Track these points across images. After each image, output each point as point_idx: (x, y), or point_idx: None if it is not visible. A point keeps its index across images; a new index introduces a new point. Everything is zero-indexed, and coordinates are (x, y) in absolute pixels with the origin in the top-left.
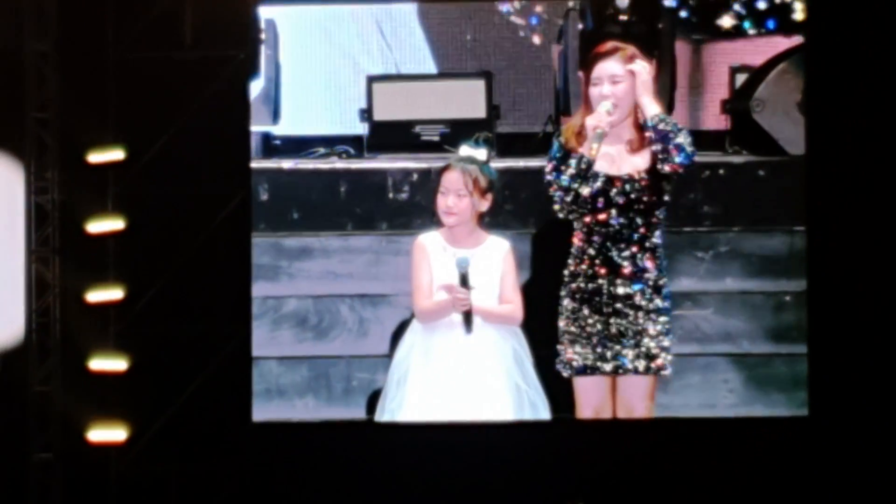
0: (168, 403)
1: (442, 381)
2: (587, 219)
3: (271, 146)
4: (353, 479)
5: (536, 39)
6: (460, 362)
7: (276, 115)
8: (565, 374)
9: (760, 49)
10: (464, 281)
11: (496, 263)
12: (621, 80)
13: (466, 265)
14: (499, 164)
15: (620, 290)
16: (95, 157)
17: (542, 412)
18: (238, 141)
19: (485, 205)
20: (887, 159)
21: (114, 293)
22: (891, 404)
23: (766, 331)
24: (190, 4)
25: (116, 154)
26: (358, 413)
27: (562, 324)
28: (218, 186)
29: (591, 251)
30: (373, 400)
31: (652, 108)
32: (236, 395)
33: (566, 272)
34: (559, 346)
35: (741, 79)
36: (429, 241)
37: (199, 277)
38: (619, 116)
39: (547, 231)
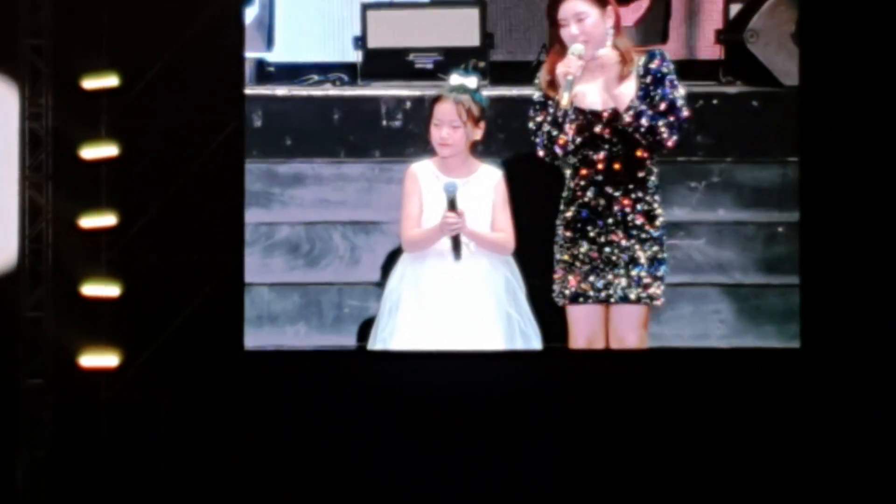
0: (160, 330)
1: (433, 310)
2: (574, 159)
3: (265, 73)
4: (345, 408)
5: None
6: (452, 291)
7: (270, 42)
8: (559, 302)
9: None
10: (452, 205)
11: (488, 192)
12: (587, 15)
13: (454, 189)
14: (492, 92)
15: (613, 220)
16: (89, 83)
17: (534, 342)
18: (232, 68)
19: (478, 133)
20: (881, 91)
21: (106, 220)
22: (883, 337)
23: (758, 262)
24: None
25: (110, 80)
26: (349, 341)
27: (556, 252)
28: (212, 114)
29: (583, 183)
30: (364, 328)
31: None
32: (229, 322)
33: (561, 201)
34: (554, 275)
35: (736, 9)
36: (421, 171)
37: (193, 205)
38: (593, 51)
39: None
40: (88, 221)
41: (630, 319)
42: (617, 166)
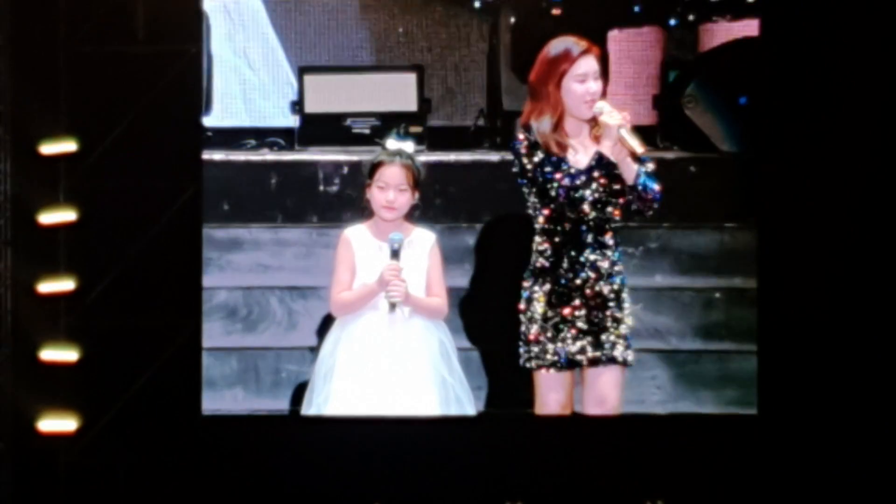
0: (119, 394)
1: (368, 373)
2: (567, 214)
3: (202, 138)
4: (290, 472)
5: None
6: (387, 354)
7: (207, 106)
8: (544, 368)
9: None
10: (395, 256)
11: (423, 256)
12: (600, 76)
13: (401, 240)
14: (429, 157)
15: (598, 283)
16: (48, 148)
17: (467, 406)
18: (189, 134)
19: (416, 198)
20: (834, 154)
21: (65, 284)
22: (838, 402)
23: (695, 328)
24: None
25: (69, 146)
26: (286, 405)
27: (534, 319)
28: (169, 179)
29: (564, 247)
30: (298, 392)
31: (631, 173)
32: (186, 387)
33: (531, 266)
34: (531, 342)
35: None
36: (354, 235)
37: (151, 270)
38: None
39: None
40: (47, 286)
41: (613, 380)
42: (596, 227)
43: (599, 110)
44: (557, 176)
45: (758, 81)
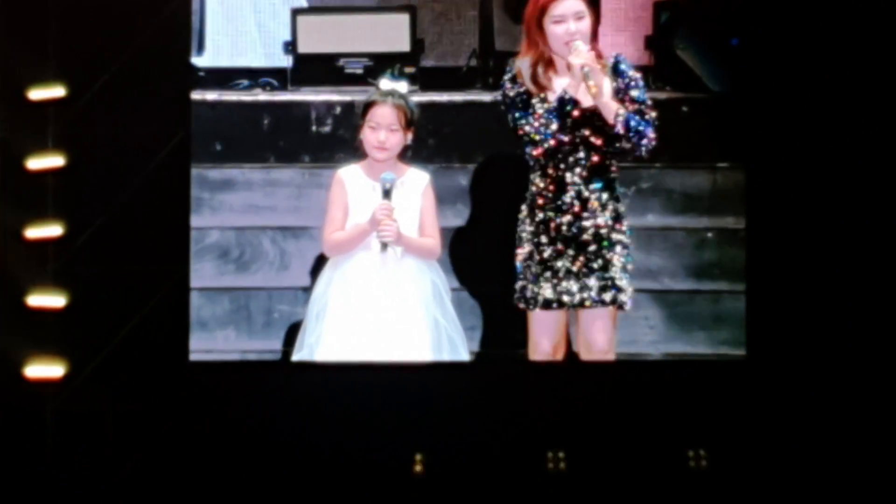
0: (106, 341)
1: (360, 315)
2: (555, 150)
3: (195, 78)
4: (278, 417)
5: None
6: (379, 295)
7: (200, 47)
8: (531, 308)
9: None
10: (387, 195)
11: (416, 196)
12: (584, 15)
13: (393, 180)
14: (422, 98)
15: (587, 223)
16: (36, 94)
17: (460, 347)
18: (179, 79)
19: (409, 138)
20: (822, 97)
21: (53, 230)
22: (826, 344)
23: (687, 268)
24: None
25: (57, 91)
26: (278, 346)
27: (523, 258)
28: (158, 125)
29: (553, 185)
30: (291, 332)
31: (609, 113)
32: (174, 332)
33: (525, 206)
34: (521, 282)
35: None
36: (347, 175)
37: (139, 216)
38: None
39: (490, 165)
40: (34, 232)
41: (602, 322)
42: (587, 164)
43: (573, 50)
44: (528, 115)
45: (749, 22)
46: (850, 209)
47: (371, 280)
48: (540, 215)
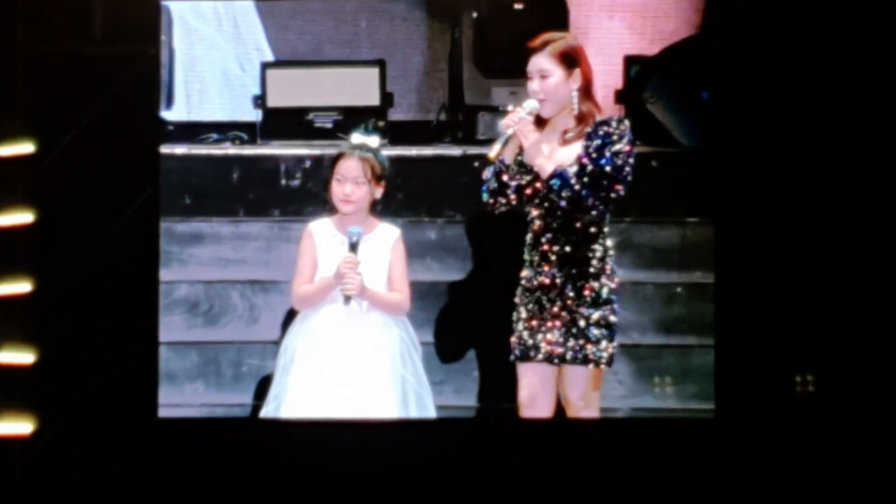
0: (75, 398)
1: (324, 368)
2: (534, 212)
3: (164, 132)
4: (247, 474)
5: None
6: (343, 347)
7: (169, 101)
8: (515, 359)
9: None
10: (353, 249)
11: (385, 250)
12: (550, 74)
13: (360, 234)
14: (391, 151)
15: (581, 283)
16: (5, 150)
17: (428, 403)
18: (147, 136)
19: (378, 192)
20: (792, 152)
21: (22, 287)
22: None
23: (656, 322)
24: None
25: (26, 147)
26: (248, 399)
27: (523, 312)
28: (127, 181)
29: (536, 241)
30: (262, 386)
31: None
32: (142, 389)
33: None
34: (518, 334)
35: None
36: (317, 229)
37: (108, 272)
38: (551, 110)
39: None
40: (4, 288)
41: (585, 381)
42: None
43: (521, 106)
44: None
45: (716, 76)
46: (819, 265)
47: (335, 334)
48: (526, 270)
